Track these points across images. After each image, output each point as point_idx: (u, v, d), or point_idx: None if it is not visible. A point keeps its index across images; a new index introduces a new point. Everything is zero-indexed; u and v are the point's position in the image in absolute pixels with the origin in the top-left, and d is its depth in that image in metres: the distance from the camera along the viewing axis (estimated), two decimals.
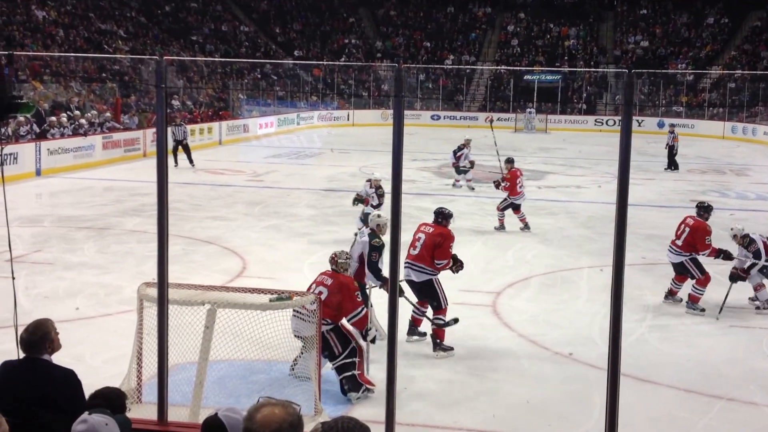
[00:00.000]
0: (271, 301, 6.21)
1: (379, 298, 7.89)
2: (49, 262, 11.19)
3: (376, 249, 8.07)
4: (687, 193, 18.97)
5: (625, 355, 3.91)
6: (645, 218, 14.94)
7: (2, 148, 15.42)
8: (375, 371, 7.13)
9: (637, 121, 34.95)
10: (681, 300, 9.89)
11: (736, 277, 9.78)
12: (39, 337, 4.34)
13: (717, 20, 44.22)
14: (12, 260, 5.94)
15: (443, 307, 8.18)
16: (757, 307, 9.83)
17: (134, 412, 3.99)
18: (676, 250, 9.78)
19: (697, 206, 10.13)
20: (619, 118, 22.21)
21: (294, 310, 6.56)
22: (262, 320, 6.32)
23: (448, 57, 44.85)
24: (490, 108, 41.31)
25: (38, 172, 19.47)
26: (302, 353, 6.84)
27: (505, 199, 14.29)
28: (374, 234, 8.28)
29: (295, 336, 6.71)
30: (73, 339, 7.22)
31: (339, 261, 7.22)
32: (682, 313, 9.55)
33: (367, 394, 6.82)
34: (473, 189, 19.17)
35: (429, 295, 8.24)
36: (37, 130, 20.47)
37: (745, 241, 10.01)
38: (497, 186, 14.52)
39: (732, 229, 10.16)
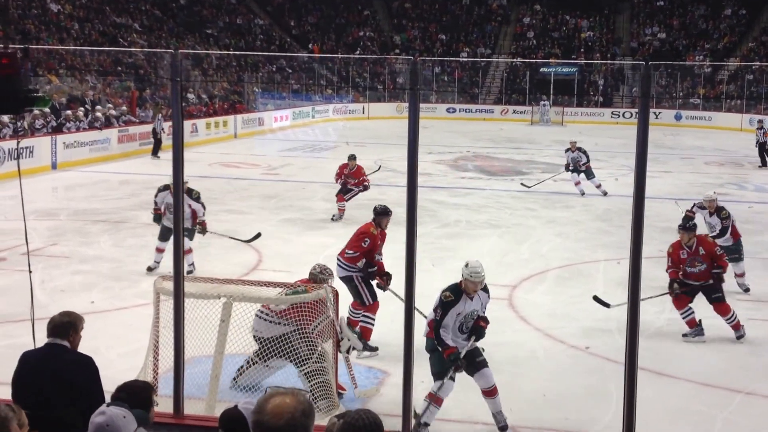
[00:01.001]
0: (286, 294, 6.21)
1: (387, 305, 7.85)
2: (65, 255, 11.24)
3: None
4: (704, 186, 18.80)
5: (643, 348, 3.89)
6: (661, 211, 14.82)
7: (18, 142, 15.44)
8: (392, 366, 7.13)
9: (654, 113, 34.69)
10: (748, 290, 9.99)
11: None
12: (68, 322, 4.45)
13: (734, 12, 43.79)
14: (29, 253, 5.98)
15: (367, 304, 7.94)
16: (747, 290, 9.93)
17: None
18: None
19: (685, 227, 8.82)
20: (636, 110, 22.10)
21: (258, 311, 6.29)
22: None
23: (463, 49, 44.68)
24: (505, 101, 41.16)
25: (54, 166, 19.57)
26: (253, 361, 6.35)
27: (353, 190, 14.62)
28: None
29: (255, 338, 6.32)
30: (88, 332, 7.19)
31: (319, 276, 6.77)
32: (700, 305, 9.47)
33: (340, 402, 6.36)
34: (606, 194, 17.39)
35: (351, 292, 8.01)
36: (54, 124, 20.56)
37: (722, 213, 9.97)
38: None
39: (714, 192, 10.29)
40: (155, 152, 22.33)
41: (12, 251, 11.05)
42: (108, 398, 4.07)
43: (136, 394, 3.88)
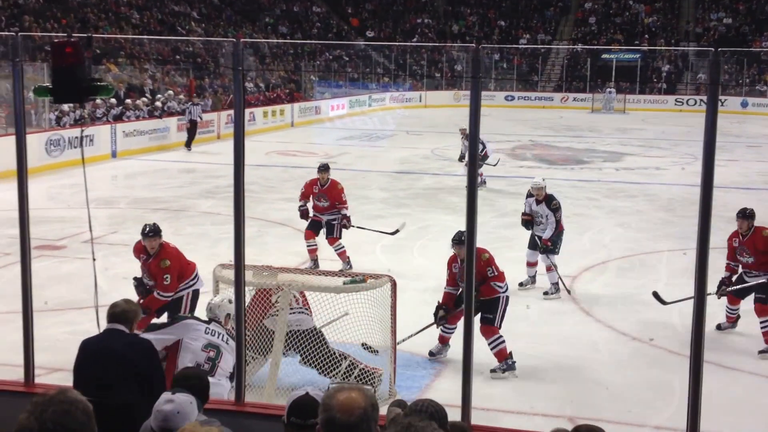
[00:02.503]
0: (345, 283, 6.21)
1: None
2: (125, 243, 11.41)
3: None
4: None
5: (708, 340, 3.79)
6: (728, 201, 14.39)
7: (82, 131, 15.74)
8: (452, 355, 7.08)
9: (720, 100, 33.47)
10: None
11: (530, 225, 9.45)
12: (129, 310, 4.55)
13: None
14: (92, 241, 6.08)
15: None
16: (546, 293, 9.21)
17: (211, 393, 4.03)
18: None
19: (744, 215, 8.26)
20: (700, 97, 21.62)
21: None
22: (336, 303, 6.33)
23: (523, 36, 44.13)
24: (566, 88, 40.56)
25: (114, 154, 19.89)
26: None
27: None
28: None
29: (290, 331, 6.21)
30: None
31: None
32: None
33: None
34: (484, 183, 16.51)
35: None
36: (116, 113, 20.92)
37: (553, 204, 9.39)
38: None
39: (543, 179, 9.81)
40: (189, 144, 21.74)
41: (72, 239, 11.28)
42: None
43: (201, 384, 3.92)
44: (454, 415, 4.43)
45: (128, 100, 21.99)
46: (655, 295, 8.19)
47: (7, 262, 9.97)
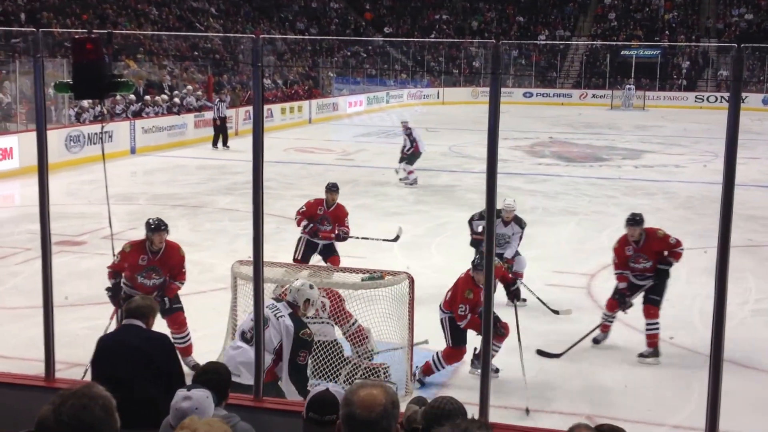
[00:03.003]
0: (363, 280, 6.21)
1: None
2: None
3: (304, 345, 5.60)
4: None
5: (727, 339, 3.76)
6: (748, 198, 14.31)
7: (102, 127, 15.86)
8: (469, 353, 7.05)
9: (741, 97, 33.49)
10: None
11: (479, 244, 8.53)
12: (146, 305, 4.57)
13: None
14: (112, 237, 6.12)
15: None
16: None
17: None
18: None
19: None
20: (721, 94, 21.41)
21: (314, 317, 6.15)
22: (354, 299, 6.34)
23: (541, 32, 43.92)
24: (584, 85, 40.34)
25: (133, 150, 20.00)
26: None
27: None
28: (299, 320, 5.70)
29: (319, 342, 6.10)
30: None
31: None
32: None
33: None
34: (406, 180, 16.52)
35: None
36: (135, 109, 21.02)
37: (522, 222, 8.92)
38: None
39: (514, 200, 9.10)
40: (215, 143, 21.39)
41: (92, 235, 11.35)
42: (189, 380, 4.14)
43: (221, 379, 3.93)
44: (472, 413, 4.43)
45: (147, 97, 22.08)
46: (540, 352, 7.51)
47: (28, 257, 10.06)
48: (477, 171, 17.38)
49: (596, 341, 7.77)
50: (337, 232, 9.16)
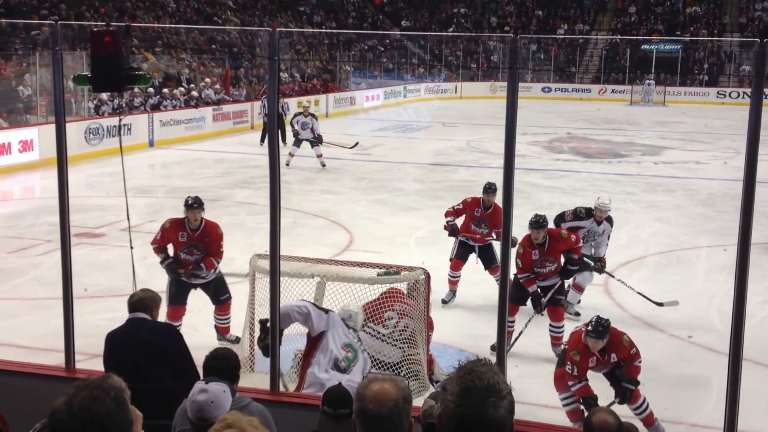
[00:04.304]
0: (378, 275, 6.19)
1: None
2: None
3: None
4: None
5: (746, 338, 3.74)
6: None
7: (120, 120, 15.85)
8: (485, 348, 7.04)
9: (764, 93, 33.14)
10: None
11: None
12: (148, 297, 4.62)
13: None
14: (130, 230, 6.15)
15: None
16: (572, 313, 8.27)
17: (246, 382, 4.07)
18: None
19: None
20: (743, 90, 21.09)
21: (366, 328, 5.89)
22: (370, 294, 6.32)
23: (560, 26, 43.68)
24: (604, 80, 40.09)
25: (151, 143, 20.07)
26: None
27: None
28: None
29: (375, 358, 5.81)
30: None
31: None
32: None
33: None
34: (324, 166, 17.31)
35: None
36: (153, 102, 21.11)
37: (611, 222, 8.52)
38: None
39: (610, 199, 8.68)
40: (264, 139, 20.71)
41: (111, 227, 11.41)
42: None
43: (229, 364, 3.95)
44: None
45: (165, 90, 22.16)
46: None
47: (48, 249, 10.13)
48: (495, 166, 17.30)
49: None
50: (493, 236, 8.64)
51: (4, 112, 18.12)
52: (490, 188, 8.65)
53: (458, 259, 8.77)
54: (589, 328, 5.93)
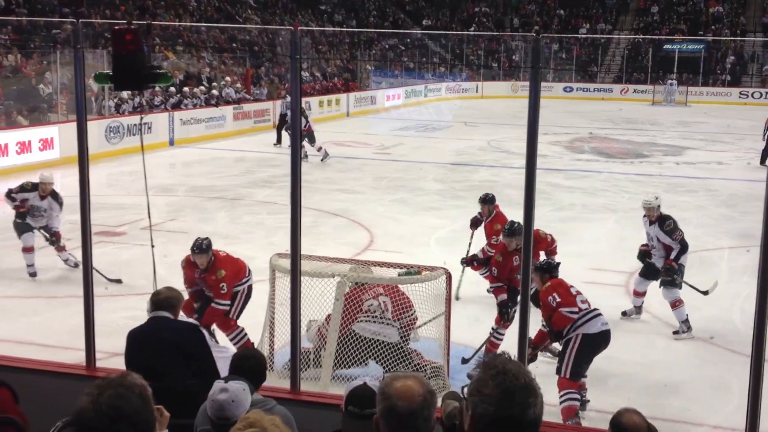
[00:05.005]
0: (399, 275, 6.18)
1: None
2: (183, 230, 11.56)
3: None
4: None
5: None
6: None
7: (141, 118, 15.94)
8: (505, 348, 7.00)
9: None
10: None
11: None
12: (172, 296, 4.60)
13: None
14: (151, 228, 6.17)
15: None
16: (675, 332, 7.89)
17: (267, 381, 4.05)
18: None
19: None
20: (766, 90, 20.82)
21: (367, 316, 6.22)
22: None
23: (582, 25, 43.43)
24: (626, 79, 39.82)
25: (171, 142, 20.14)
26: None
27: None
28: None
29: (376, 340, 6.16)
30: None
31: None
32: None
33: None
34: (305, 158, 17.21)
35: None
36: (173, 101, 21.19)
37: (667, 224, 8.02)
38: None
39: (656, 197, 8.36)
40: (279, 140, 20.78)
41: (132, 225, 11.46)
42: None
43: (258, 364, 3.95)
44: None
45: (186, 88, 22.26)
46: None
47: (68, 247, 10.18)
48: (516, 166, 17.25)
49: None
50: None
51: (24, 110, 18.26)
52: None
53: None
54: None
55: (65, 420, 3.26)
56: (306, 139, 17.14)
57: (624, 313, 8.46)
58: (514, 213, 8.14)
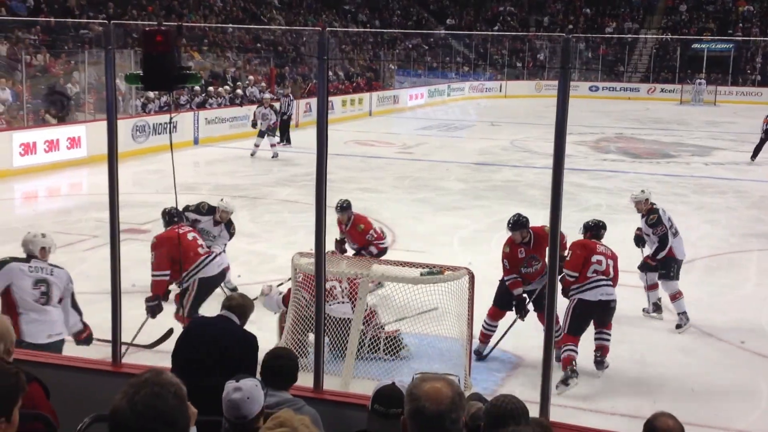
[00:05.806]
0: (422, 275, 6.17)
1: None
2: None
3: None
4: None
5: None
6: None
7: (171, 118, 16.05)
8: (525, 350, 6.97)
9: None
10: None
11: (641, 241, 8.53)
12: (245, 305, 4.67)
13: None
14: (179, 226, 6.19)
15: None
16: (678, 326, 7.92)
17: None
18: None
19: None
20: None
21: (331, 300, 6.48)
22: (413, 293, 6.31)
23: (609, 24, 43.10)
24: (653, 79, 39.46)
25: (196, 141, 20.25)
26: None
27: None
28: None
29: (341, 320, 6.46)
30: None
31: None
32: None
33: None
34: (275, 156, 18.59)
35: None
36: (199, 100, 21.31)
37: (650, 218, 8.28)
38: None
39: (642, 191, 8.72)
40: (282, 138, 20.56)
41: (155, 223, 11.47)
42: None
43: (290, 365, 3.96)
44: (531, 411, 4.36)
45: (210, 88, 22.38)
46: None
47: (95, 244, 10.28)
48: (539, 166, 17.17)
49: (477, 353, 7.09)
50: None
51: (52, 109, 18.44)
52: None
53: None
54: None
55: (93, 416, 3.29)
56: (272, 133, 18.57)
57: (645, 311, 8.40)
58: (537, 213, 8.12)
